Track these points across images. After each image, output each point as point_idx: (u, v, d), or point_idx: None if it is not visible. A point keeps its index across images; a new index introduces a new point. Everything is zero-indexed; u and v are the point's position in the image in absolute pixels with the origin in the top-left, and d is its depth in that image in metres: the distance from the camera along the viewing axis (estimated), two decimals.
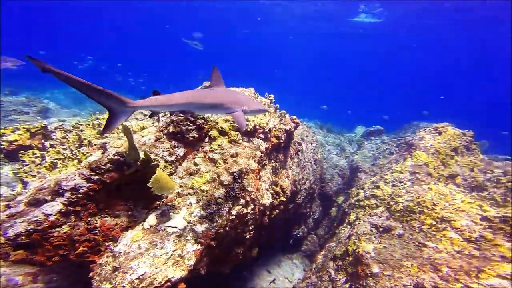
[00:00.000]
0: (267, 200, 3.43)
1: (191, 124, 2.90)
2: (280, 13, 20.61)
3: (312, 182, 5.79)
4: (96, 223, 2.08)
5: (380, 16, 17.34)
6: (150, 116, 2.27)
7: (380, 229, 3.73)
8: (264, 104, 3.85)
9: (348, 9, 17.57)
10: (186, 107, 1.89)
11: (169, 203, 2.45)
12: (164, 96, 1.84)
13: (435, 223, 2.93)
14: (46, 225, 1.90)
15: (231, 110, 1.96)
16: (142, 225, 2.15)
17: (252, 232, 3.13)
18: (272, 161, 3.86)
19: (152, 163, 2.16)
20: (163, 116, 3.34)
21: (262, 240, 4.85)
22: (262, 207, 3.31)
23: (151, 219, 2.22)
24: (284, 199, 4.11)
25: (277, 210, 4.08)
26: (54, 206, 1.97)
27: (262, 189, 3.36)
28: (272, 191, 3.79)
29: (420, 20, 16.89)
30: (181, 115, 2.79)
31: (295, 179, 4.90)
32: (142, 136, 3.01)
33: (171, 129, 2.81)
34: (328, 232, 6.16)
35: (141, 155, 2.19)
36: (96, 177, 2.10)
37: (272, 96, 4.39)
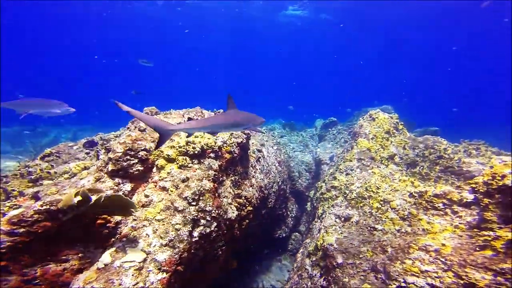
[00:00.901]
0: (232, 213, 3.55)
1: (132, 158, 2.75)
2: (215, 14, 20.75)
3: (280, 183, 5.95)
4: (36, 273, 1.98)
5: (305, 7, 18.60)
6: (187, 137, 2.96)
7: (342, 219, 4.00)
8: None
9: (280, 3, 18.27)
10: (214, 128, 2.45)
11: (124, 239, 2.38)
12: (196, 120, 2.63)
13: (380, 205, 3.25)
14: None
15: (246, 127, 2.63)
16: (97, 265, 2.06)
17: (223, 248, 3.22)
18: (231, 175, 3.87)
19: (92, 202, 2.00)
20: (101, 154, 3.08)
21: (241, 250, 4.95)
22: (228, 222, 3.42)
23: (105, 257, 2.12)
24: (251, 208, 4.21)
25: (247, 220, 4.17)
26: None
27: (224, 205, 3.43)
28: (237, 204, 3.84)
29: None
30: (119, 151, 2.62)
31: (261, 186, 5.00)
32: (81, 179, 2.79)
33: (110, 167, 2.64)
34: (308, 227, 6.41)
35: (75, 199, 2.03)
36: (22, 229, 1.98)
37: (221, 111, 4.37)
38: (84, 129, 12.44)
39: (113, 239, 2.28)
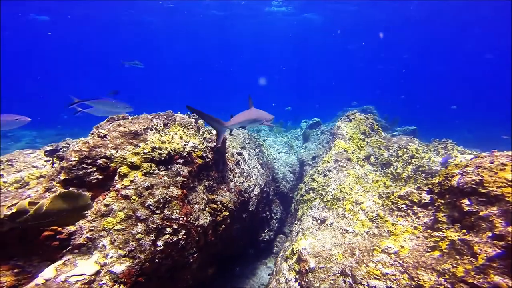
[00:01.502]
0: (204, 220, 3.49)
1: (89, 167, 2.63)
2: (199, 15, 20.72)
3: (263, 186, 5.90)
4: None
5: (288, 4, 18.71)
6: (230, 133, 3.58)
7: (318, 221, 3.98)
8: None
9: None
10: (244, 123, 3.08)
11: (76, 251, 2.25)
12: (233, 118, 2.96)
13: (352, 207, 3.24)
14: None
15: (262, 121, 3.21)
16: (35, 281, 1.88)
17: (195, 255, 3.15)
18: (204, 180, 3.78)
19: (31, 213, 1.85)
20: (56, 163, 2.94)
21: (222, 255, 4.88)
22: (200, 228, 3.36)
23: (48, 271, 1.96)
24: (228, 213, 4.13)
25: (223, 225, 4.10)
26: None
27: (195, 211, 3.36)
28: (210, 210, 3.77)
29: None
30: (73, 159, 2.50)
31: (241, 189, 4.93)
32: (28, 189, 2.64)
33: (62, 176, 2.52)
34: (290, 230, 6.38)
35: (5, 213, 1.87)
36: None
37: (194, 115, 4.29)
38: (63, 134, 11.89)
39: (64, 251, 2.16)
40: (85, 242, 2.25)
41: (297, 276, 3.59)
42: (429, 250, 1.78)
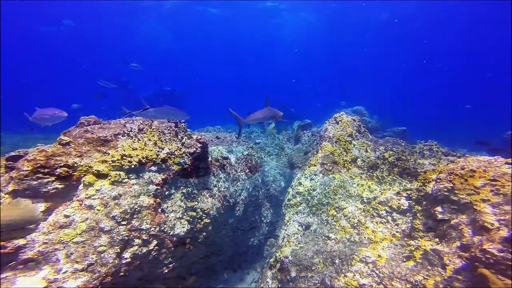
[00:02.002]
0: (181, 228, 3.37)
1: (46, 176, 2.45)
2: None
3: (251, 190, 5.75)
4: None
5: (280, 3, 18.67)
6: (248, 127, 4.10)
7: (303, 227, 3.83)
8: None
9: None
10: (261, 119, 3.52)
11: (20, 266, 2.08)
12: (252, 114, 3.43)
13: (335, 213, 3.10)
14: None
15: (275, 119, 3.68)
16: None
17: (171, 265, 3.03)
18: (181, 187, 3.63)
19: None
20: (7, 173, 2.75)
21: (203, 264, 4.74)
22: (175, 238, 3.24)
23: None
24: (209, 220, 4.00)
25: (204, 233, 3.97)
26: None
27: (170, 220, 3.22)
28: (189, 217, 3.63)
29: None
30: (25, 169, 2.33)
31: (225, 195, 4.77)
32: None
33: (10, 187, 2.33)
34: (277, 235, 6.21)
35: None
36: None
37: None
38: (50, 138, 11.41)
39: (5, 268, 1.99)
40: (35, 257, 2.08)
41: (279, 285, 3.43)
42: (404, 259, 1.66)
